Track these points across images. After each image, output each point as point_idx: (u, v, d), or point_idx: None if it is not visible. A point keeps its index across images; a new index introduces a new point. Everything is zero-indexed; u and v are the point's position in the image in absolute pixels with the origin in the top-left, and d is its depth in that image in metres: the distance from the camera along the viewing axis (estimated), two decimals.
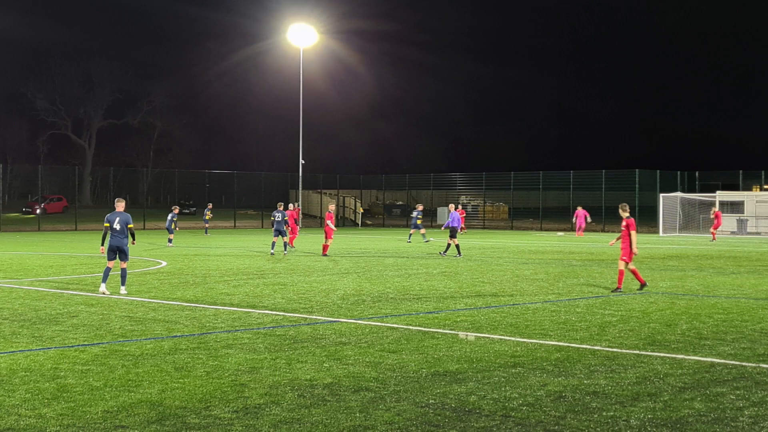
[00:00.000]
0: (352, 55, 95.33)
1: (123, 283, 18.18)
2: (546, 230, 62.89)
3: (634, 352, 11.27)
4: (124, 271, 18.35)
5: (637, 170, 62.51)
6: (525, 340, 12.23)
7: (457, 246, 30.95)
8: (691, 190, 64.34)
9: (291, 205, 37.44)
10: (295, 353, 11.07)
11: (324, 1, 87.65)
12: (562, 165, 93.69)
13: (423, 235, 43.53)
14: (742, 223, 54.94)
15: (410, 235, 45.35)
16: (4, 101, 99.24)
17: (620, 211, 19.26)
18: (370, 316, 14.76)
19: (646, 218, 57.79)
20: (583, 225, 52.65)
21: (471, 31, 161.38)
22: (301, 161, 68.56)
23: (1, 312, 15.00)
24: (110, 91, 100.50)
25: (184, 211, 69.32)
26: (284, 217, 32.11)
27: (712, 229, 47.93)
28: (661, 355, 11.07)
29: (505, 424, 7.74)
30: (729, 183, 66.13)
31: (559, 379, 9.59)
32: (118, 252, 18.12)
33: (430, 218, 69.91)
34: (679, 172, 65.32)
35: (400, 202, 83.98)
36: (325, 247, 31.11)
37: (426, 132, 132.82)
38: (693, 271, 24.56)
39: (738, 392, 8.97)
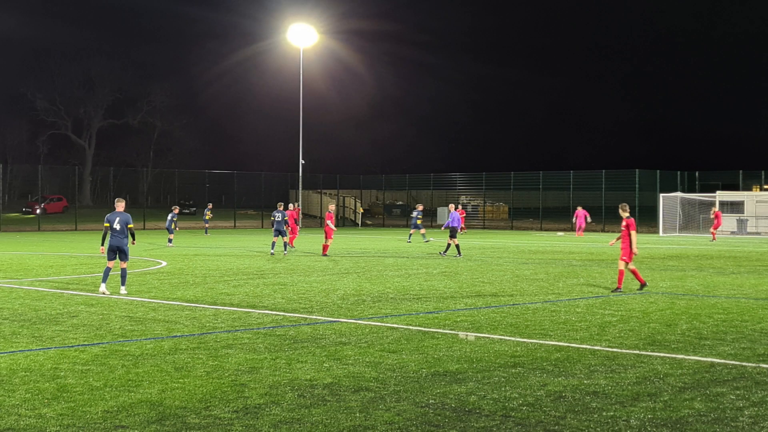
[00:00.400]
0: (352, 55, 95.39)
1: (123, 283, 18.18)
2: (546, 230, 62.89)
3: (634, 352, 11.27)
4: (124, 271, 18.35)
5: (637, 170, 62.51)
6: (525, 340, 12.23)
7: (457, 246, 30.95)
8: (691, 190, 64.34)
9: (291, 205, 37.43)
10: (295, 353, 11.07)
11: (324, 1, 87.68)
12: (562, 165, 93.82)
13: (423, 235, 43.53)
14: (742, 223, 54.94)
15: (410, 235, 45.36)
16: (4, 101, 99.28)
17: (620, 211, 19.26)
18: (370, 316, 14.76)
19: (646, 218, 57.79)
20: (583, 225, 52.64)
21: (471, 31, 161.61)
22: (301, 161, 68.58)
23: (1, 312, 15.00)
24: (110, 91, 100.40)
25: (184, 211, 69.30)
26: (284, 217, 32.11)
27: (712, 229, 47.93)
28: (661, 355, 11.07)
29: (505, 424, 7.74)
30: (729, 183, 66.13)
31: (559, 379, 9.59)
32: (118, 252, 18.12)
33: (430, 218, 69.90)
34: (679, 172, 65.32)
35: (400, 202, 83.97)
36: (325, 247, 31.11)
37: (426, 132, 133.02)
38: (693, 271, 24.56)
39: (738, 392, 8.97)
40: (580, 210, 53.03)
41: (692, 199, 59.81)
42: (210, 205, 55.00)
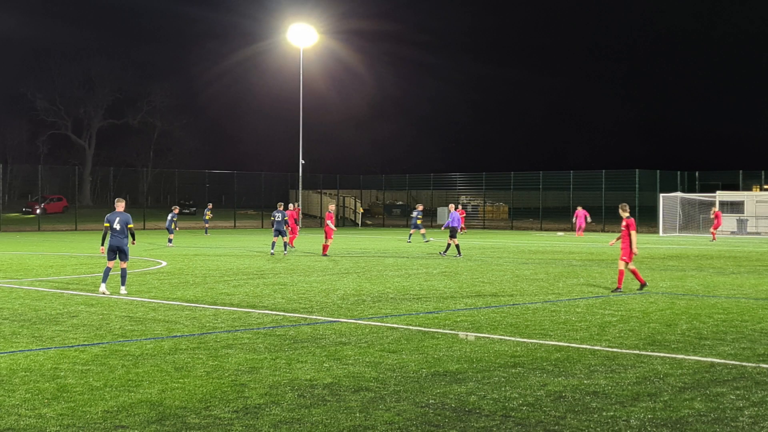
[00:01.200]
0: (352, 55, 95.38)
1: (123, 283, 18.18)
2: (546, 230, 62.88)
3: (634, 352, 11.27)
4: (124, 271, 18.35)
5: (637, 170, 62.51)
6: (525, 340, 12.23)
7: (457, 246, 30.95)
8: (691, 190, 64.33)
9: (291, 205, 37.44)
10: (295, 353, 11.07)
11: (324, 1, 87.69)
12: (562, 165, 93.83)
13: (423, 235, 43.53)
14: (742, 223, 54.93)
15: (410, 235, 45.36)
16: (4, 101, 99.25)
17: (620, 211, 19.26)
18: (370, 316, 14.76)
19: (646, 218, 57.79)
20: (583, 225, 52.64)
21: (471, 31, 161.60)
22: (301, 161, 68.58)
23: (1, 312, 15.00)
24: (110, 91, 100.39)
25: (184, 211, 69.29)
26: (284, 217, 32.11)
27: (712, 229, 47.93)
28: (661, 355, 11.07)
29: (505, 424, 7.74)
30: (729, 183, 66.13)
31: (559, 379, 9.59)
32: (118, 252, 18.12)
33: (430, 218, 69.90)
34: (679, 172, 65.32)
35: (400, 202, 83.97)
36: (325, 247, 31.11)
37: (426, 132, 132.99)
38: (693, 271, 24.56)
39: (738, 392, 8.97)
40: (580, 210, 53.03)
41: (692, 199, 59.81)
42: (210, 205, 55.00)
